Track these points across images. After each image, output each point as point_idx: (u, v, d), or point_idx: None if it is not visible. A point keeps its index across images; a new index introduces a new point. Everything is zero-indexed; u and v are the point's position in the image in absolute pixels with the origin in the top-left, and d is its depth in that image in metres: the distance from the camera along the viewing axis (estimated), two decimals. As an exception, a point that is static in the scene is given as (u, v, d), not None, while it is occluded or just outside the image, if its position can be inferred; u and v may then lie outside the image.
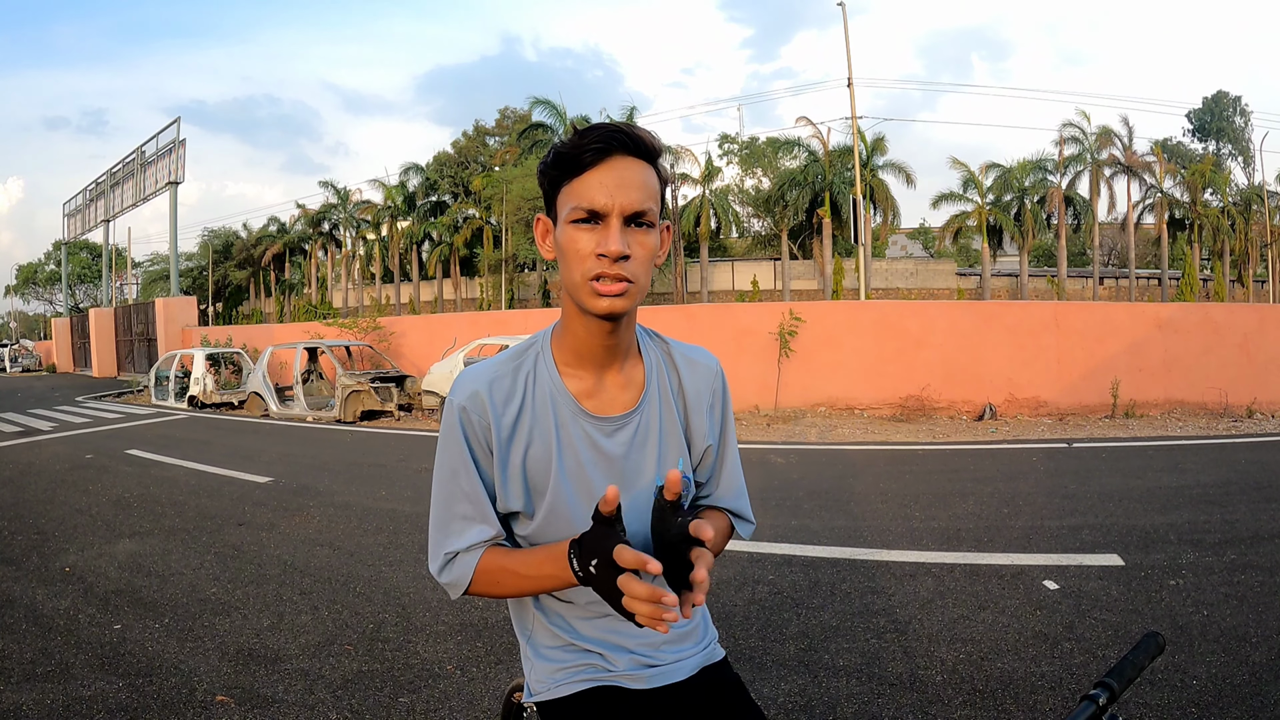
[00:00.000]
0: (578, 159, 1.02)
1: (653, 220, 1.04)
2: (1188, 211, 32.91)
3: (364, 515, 5.81)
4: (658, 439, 1.17)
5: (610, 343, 1.11)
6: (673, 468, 1.19)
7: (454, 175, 42.01)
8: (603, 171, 1.01)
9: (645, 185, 1.03)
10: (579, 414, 1.13)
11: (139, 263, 54.95)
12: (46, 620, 3.77)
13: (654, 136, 1.05)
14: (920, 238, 46.84)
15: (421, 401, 13.19)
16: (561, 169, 1.04)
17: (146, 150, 28.74)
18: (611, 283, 1.01)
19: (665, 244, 1.10)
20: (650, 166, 1.05)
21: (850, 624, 3.45)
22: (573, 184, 1.03)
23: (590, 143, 1.01)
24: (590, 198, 1.01)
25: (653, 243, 1.05)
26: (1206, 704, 2.60)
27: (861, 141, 25.29)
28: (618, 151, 1.02)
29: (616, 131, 1.02)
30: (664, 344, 1.24)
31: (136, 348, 26.40)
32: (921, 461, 7.69)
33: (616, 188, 1.01)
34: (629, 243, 1.02)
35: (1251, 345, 10.95)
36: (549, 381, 1.14)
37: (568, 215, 1.03)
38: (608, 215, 1.01)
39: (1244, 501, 5.44)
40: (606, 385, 1.15)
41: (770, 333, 12.09)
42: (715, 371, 1.25)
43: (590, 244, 1.02)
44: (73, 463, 8.75)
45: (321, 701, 2.86)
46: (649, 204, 1.02)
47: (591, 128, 1.02)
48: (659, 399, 1.18)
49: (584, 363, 1.13)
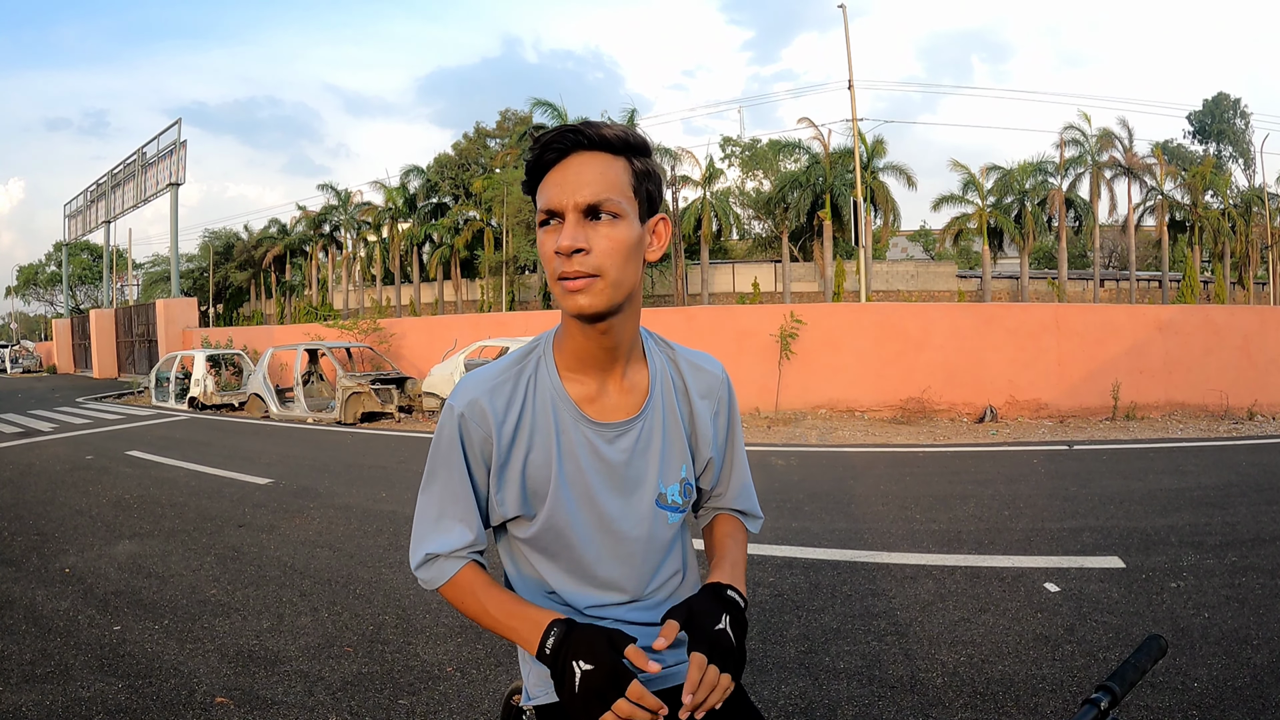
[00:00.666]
0: (540, 162, 1.03)
1: (616, 210, 1.01)
2: (1188, 213, 32.90)
3: (364, 517, 5.81)
4: (660, 446, 1.16)
5: (606, 344, 1.09)
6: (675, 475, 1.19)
7: (455, 177, 42.01)
8: (559, 170, 1.02)
9: (602, 176, 1.01)
10: (580, 420, 1.12)
11: (140, 264, 55.04)
12: (46, 621, 3.76)
13: (620, 127, 1.03)
14: (921, 240, 46.88)
15: (422, 403, 13.18)
16: (531, 176, 1.05)
17: (147, 151, 28.75)
18: (574, 280, 1.00)
19: (659, 237, 1.08)
20: (616, 157, 1.03)
21: (851, 626, 3.44)
22: (539, 189, 1.04)
23: (550, 145, 1.02)
24: (547, 197, 1.02)
25: (620, 234, 1.01)
26: (1208, 706, 2.60)
27: (862, 143, 25.32)
28: (576, 149, 1.02)
29: (571, 129, 1.02)
30: (670, 350, 1.22)
31: (137, 349, 26.41)
32: (922, 464, 7.68)
33: (569, 184, 1.00)
34: (586, 236, 1.00)
35: (1252, 347, 10.94)
36: (550, 387, 1.12)
37: (537, 220, 1.04)
38: (564, 212, 1.00)
39: (1245, 503, 5.43)
40: (609, 390, 1.14)
41: (771, 335, 12.09)
42: (721, 379, 1.24)
43: (552, 244, 1.01)
44: (73, 464, 8.75)
45: (321, 703, 2.85)
46: (607, 194, 1.00)
47: (549, 130, 1.03)
48: (663, 406, 1.17)
49: (585, 367, 1.12)
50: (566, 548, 1.15)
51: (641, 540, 1.17)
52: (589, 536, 1.14)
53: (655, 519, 1.17)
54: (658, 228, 1.09)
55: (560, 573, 1.17)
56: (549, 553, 1.16)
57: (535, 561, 1.18)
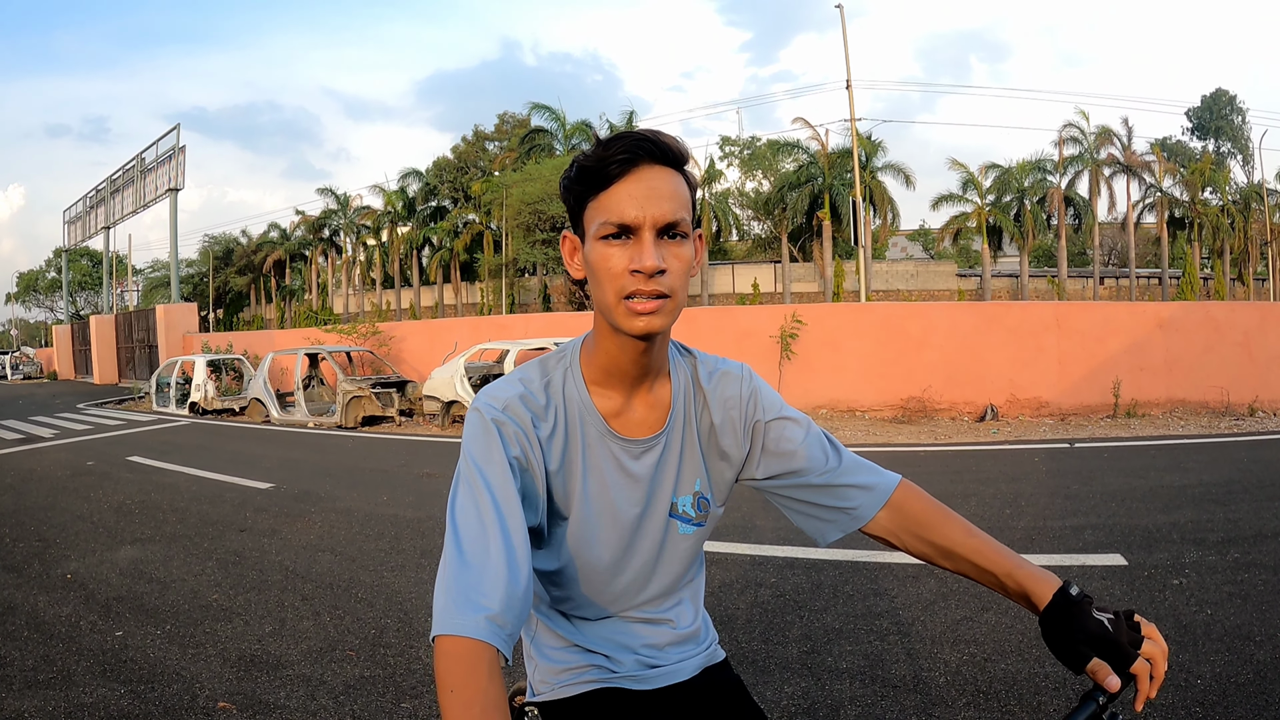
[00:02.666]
0: (603, 171, 0.96)
1: (686, 230, 0.98)
2: (1188, 210, 32.90)
3: (366, 521, 5.81)
4: (677, 460, 1.14)
5: (644, 361, 1.06)
6: (689, 487, 1.16)
7: (454, 180, 42.03)
8: (631, 183, 0.95)
9: (676, 194, 0.97)
10: (606, 434, 1.09)
11: (139, 270, 55.10)
12: (48, 627, 3.76)
13: (681, 143, 0.99)
14: (920, 239, 46.85)
15: (423, 407, 13.18)
16: (586, 183, 0.98)
17: (146, 157, 28.79)
18: (647, 300, 0.96)
19: (700, 253, 1.04)
20: (679, 174, 0.99)
21: (853, 626, 3.44)
22: (600, 198, 0.97)
23: (616, 153, 0.95)
24: (620, 211, 0.95)
25: (688, 254, 0.99)
26: (1211, 703, 2.59)
27: (861, 144, 25.32)
28: (645, 161, 0.96)
29: (643, 140, 0.96)
30: (692, 359, 1.18)
31: (138, 354, 26.43)
32: (923, 463, 7.68)
33: (646, 199, 0.95)
34: (663, 256, 0.96)
35: (1253, 343, 10.94)
36: (578, 399, 1.09)
37: (596, 231, 0.97)
38: (639, 229, 0.95)
39: (1247, 500, 5.43)
40: (634, 405, 1.11)
41: (771, 335, 12.10)
42: (739, 378, 1.18)
43: (623, 260, 0.96)
44: (74, 470, 8.75)
45: (324, 708, 2.85)
46: (681, 214, 0.97)
47: (616, 137, 0.96)
48: (683, 420, 1.14)
49: (613, 381, 1.09)
50: (583, 560, 1.13)
51: (653, 551, 1.17)
52: (606, 548, 1.13)
53: (667, 529, 1.16)
54: (697, 244, 1.05)
55: (572, 582, 1.16)
56: (563, 562, 1.14)
57: (547, 570, 1.16)
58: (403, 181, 40.27)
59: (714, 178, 32.83)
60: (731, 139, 36.52)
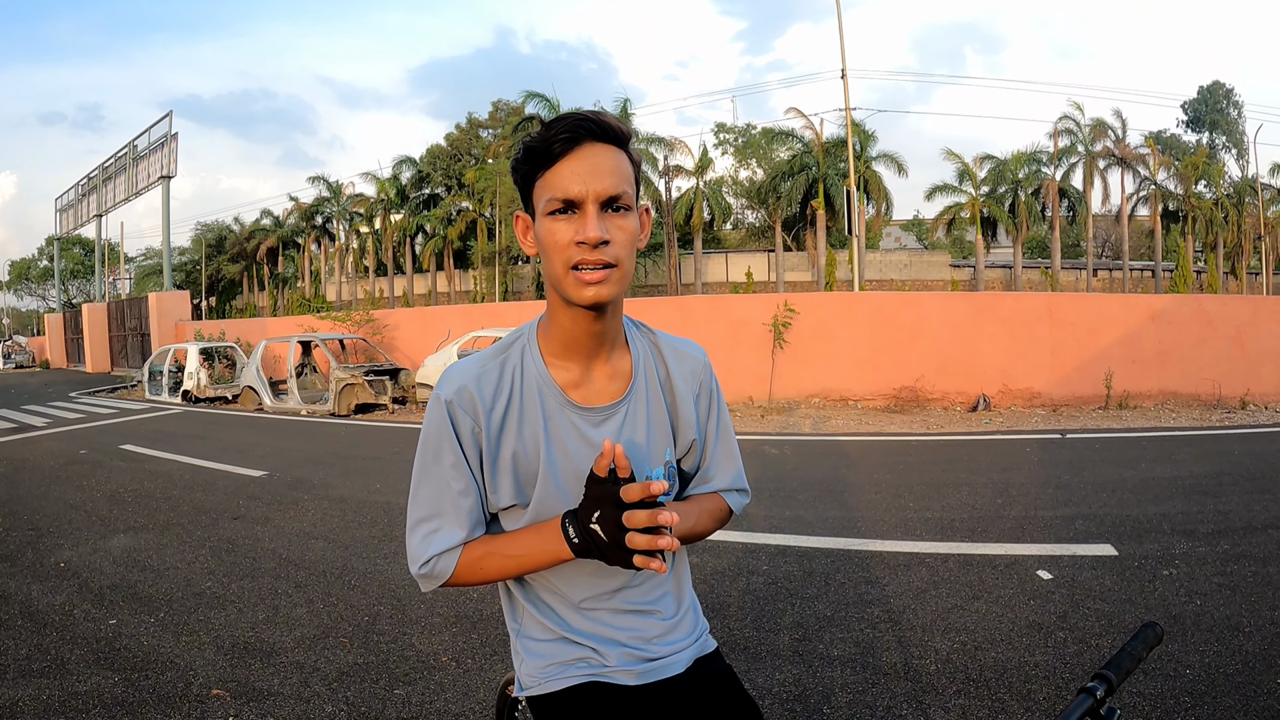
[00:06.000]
0: (548, 150, 1.02)
1: (629, 203, 1.04)
2: (1181, 203, 32.97)
3: (359, 508, 5.80)
4: (645, 429, 1.17)
5: (596, 330, 1.10)
6: (660, 458, 1.19)
7: (447, 168, 41.78)
8: (574, 160, 1.02)
9: (618, 170, 1.03)
10: (566, 405, 1.13)
11: (132, 258, 54.78)
12: (42, 616, 3.76)
13: (621, 121, 1.05)
14: (914, 229, 46.88)
15: (416, 394, 13.17)
16: (533, 162, 1.04)
17: (139, 144, 28.52)
18: (594, 270, 1.02)
19: (645, 227, 1.11)
20: (620, 151, 1.05)
21: (845, 614, 3.46)
22: (546, 176, 1.03)
23: (559, 133, 1.01)
24: (564, 187, 1.01)
25: (632, 226, 1.05)
26: (1200, 693, 2.62)
27: (855, 133, 25.26)
28: (587, 139, 1.02)
29: (584, 119, 1.02)
30: (652, 335, 1.23)
31: (130, 343, 26.27)
32: (915, 452, 7.71)
33: (589, 175, 1.01)
34: (607, 227, 1.02)
35: (1245, 337, 10.98)
36: (536, 374, 1.13)
37: (544, 208, 1.03)
38: (583, 203, 1.01)
39: (1237, 492, 5.47)
40: (594, 376, 1.15)
41: (764, 324, 12.10)
42: (703, 363, 1.25)
43: (568, 233, 1.02)
44: (67, 458, 8.72)
45: (317, 694, 2.86)
46: (623, 187, 1.03)
47: (559, 118, 1.03)
48: (646, 389, 1.18)
49: (570, 354, 1.13)
50: None
51: None
52: None
53: None
54: (643, 217, 1.11)
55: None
56: None
57: None
58: (396, 169, 40.00)
59: (707, 166, 32.68)
60: (726, 125, 36.37)
